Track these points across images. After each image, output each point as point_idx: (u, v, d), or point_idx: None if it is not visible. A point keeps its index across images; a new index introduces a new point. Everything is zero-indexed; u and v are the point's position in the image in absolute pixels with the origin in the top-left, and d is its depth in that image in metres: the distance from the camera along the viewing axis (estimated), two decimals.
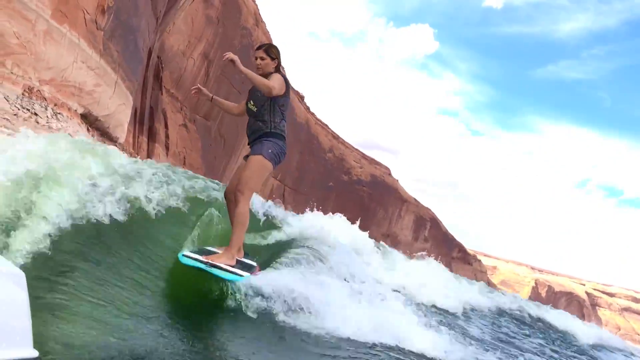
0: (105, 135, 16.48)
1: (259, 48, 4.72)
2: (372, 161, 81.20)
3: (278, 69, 4.66)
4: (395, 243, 78.74)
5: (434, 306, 7.80)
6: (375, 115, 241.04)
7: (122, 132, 17.44)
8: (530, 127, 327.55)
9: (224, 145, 45.42)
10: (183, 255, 4.14)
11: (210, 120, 43.64)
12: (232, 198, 4.55)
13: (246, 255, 4.81)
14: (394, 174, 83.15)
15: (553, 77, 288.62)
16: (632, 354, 13.34)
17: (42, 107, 10.57)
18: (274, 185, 56.20)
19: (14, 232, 3.20)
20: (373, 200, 77.44)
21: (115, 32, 14.59)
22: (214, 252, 4.44)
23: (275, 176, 57.56)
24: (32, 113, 10.00)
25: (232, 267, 4.21)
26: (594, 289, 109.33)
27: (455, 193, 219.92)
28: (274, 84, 4.33)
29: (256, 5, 49.26)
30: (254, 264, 4.73)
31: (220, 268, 4.10)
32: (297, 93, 63.23)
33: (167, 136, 35.95)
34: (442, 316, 7.32)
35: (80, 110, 13.55)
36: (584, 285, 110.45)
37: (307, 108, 66.55)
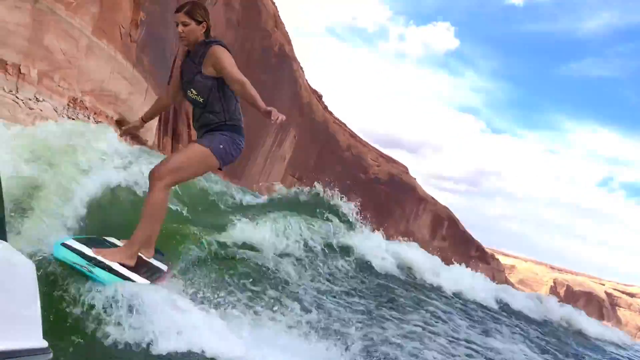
0: (135, 138, 17.62)
1: (178, 11, 3.49)
2: (390, 160, 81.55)
3: (208, 34, 3.53)
4: (412, 242, 79.15)
5: None
6: (395, 113, 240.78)
7: (151, 135, 18.61)
8: (552, 125, 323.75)
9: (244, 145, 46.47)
10: (62, 243, 3.01)
11: None
12: None
13: (157, 254, 3.73)
14: (414, 171, 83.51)
15: (576, 75, 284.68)
16: None
17: (85, 116, 11.75)
18: (292, 183, 57.17)
19: (18, 223, 3.07)
20: (390, 198, 77.77)
21: (146, 43, 15.74)
22: (111, 246, 3.37)
23: (293, 174, 58.53)
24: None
25: (130, 269, 3.18)
26: (614, 289, 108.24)
27: (476, 191, 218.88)
28: (238, 74, 3.33)
29: (275, 7, 50.34)
30: (164, 267, 3.64)
31: (108, 269, 3.02)
32: (314, 92, 64.06)
33: (189, 136, 37.22)
34: None
35: (116, 117, 14.75)
36: (604, 285, 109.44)
37: (325, 107, 67.30)
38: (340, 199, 7.58)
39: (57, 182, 3.52)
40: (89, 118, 11.91)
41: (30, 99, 10.47)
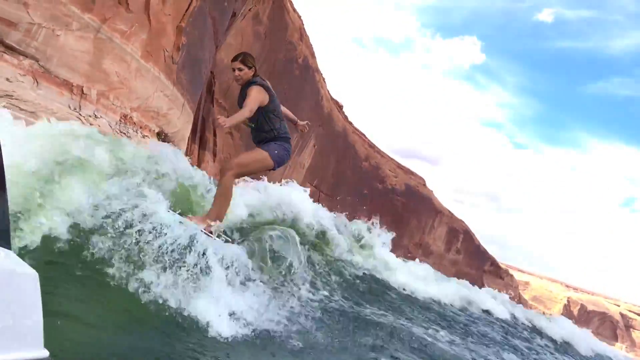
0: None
1: (234, 59, 4.86)
2: (408, 171, 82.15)
3: (256, 74, 4.84)
4: (427, 253, 79.69)
5: None
6: (418, 124, 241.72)
7: (184, 145, 20.36)
8: (576, 142, 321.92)
9: None
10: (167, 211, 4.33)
11: None
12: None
13: (224, 233, 4.76)
14: (434, 184, 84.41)
15: (603, 94, 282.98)
16: None
17: (133, 130, 13.45)
18: (310, 191, 58.15)
19: (25, 229, 3.11)
20: (407, 209, 78.23)
21: (185, 64, 17.49)
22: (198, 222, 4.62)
23: (312, 182, 59.89)
24: (127, 136, 12.87)
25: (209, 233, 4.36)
26: (629, 310, 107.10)
27: (495, 206, 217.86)
28: (248, 106, 4.49)
29: (301, 21, 52.06)
30: (228, 239, 4.73)
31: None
32: (335, 102, 65.40)
33: (215, 143, 38.92)
34: None
35: (156, 130, 16.48)
36: (619, 305, 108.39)
37: (346, 117, 68.53)
38: None
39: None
40: (136, 132, 13.62)
41: (90, 116, 12.18)
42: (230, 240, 4.81)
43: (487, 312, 10.65)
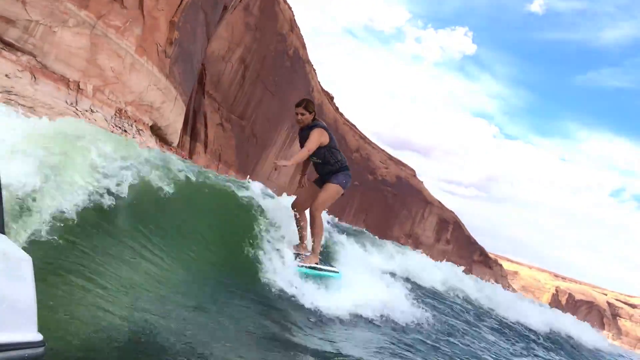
0: (163, 140, 19.73)
1: (298, 105, 5.55)
2: (398, 162, 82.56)
3: (315, 118, 5.61)
4: (417, 244, 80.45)
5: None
6: (409, 115, 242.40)
7: (176, 137, 20.72)
8: (566, 133, 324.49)
9: (256, 143, 47.89)
10: (298, 266, 5.43)
11: (244, 120, 46.24)
12: (301, 210, 5.84)
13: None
14: (425, 174, 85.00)
15: (593, 85, 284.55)
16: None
17: (129, 124, 13.81)
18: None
19: (22, 215, 3.08)
20: (397, 200, 78.80)
21: (178, 57, 17.81)
22: (302, 254, 5.72)
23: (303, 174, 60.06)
24: (122, 130, 13.23)
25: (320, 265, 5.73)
26: (616, 299, 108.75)
27: (485, 196, 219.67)
28: (307, 146, 5.40)
29: (292, 12, 52.17)
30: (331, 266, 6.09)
31: (320, 269, 5.62)
32: (326, 93, 65.64)
33: (206, 135, 39.20)
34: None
35: (150, 123, 16.83)
36: (606, 294, 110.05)
37: (336, 108, 68.77)
38: None
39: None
40: (132, 126, 13.98)
41: (87, 110, 12.52)
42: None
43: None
